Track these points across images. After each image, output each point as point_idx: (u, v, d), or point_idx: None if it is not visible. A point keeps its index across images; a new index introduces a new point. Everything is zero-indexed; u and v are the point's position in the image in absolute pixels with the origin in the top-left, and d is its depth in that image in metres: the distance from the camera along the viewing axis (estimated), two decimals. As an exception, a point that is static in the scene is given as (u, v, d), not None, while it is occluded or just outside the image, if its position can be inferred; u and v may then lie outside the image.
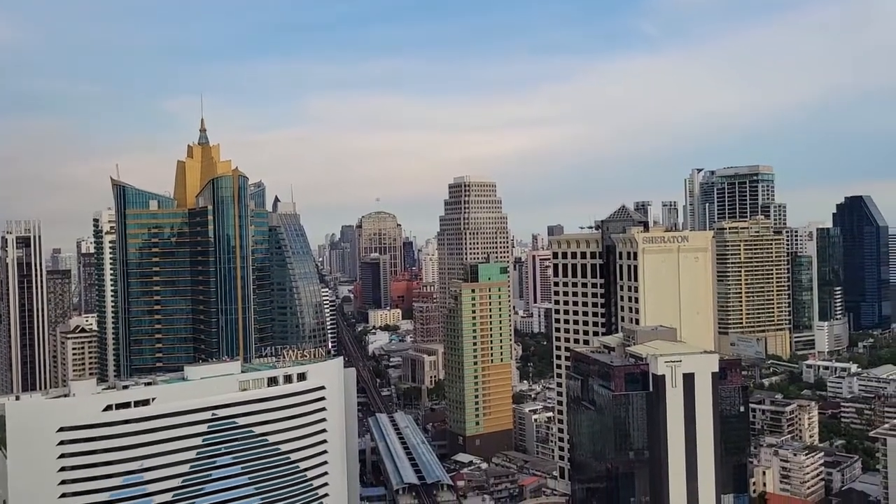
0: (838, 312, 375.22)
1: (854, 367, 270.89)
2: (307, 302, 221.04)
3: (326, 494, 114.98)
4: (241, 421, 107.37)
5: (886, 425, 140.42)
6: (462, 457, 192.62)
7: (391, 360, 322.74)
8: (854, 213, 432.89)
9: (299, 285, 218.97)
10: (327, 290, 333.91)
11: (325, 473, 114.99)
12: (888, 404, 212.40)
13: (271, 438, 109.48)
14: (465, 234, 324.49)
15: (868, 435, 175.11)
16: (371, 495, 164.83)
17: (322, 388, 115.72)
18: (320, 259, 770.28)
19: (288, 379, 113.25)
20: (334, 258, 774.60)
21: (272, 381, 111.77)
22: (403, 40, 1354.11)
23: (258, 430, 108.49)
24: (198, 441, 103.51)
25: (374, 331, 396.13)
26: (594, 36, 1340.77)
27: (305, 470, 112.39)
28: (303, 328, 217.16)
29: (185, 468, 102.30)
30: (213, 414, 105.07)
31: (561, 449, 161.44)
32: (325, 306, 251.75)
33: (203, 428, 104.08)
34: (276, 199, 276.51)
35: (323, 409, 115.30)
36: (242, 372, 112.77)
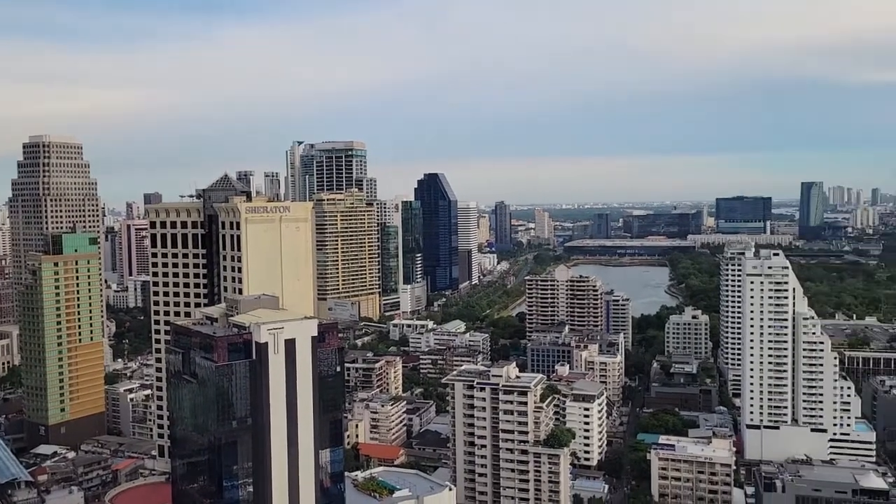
0: (419, 276, 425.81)
1: (430, 324, 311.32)
2: None
3: None
4: None
5: (454, 372, 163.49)
6: (44, 448, 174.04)
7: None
8: (431, 188, 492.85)
9: None
10: None
11: None
12: (455, 354, 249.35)
13: None
14: (46, 200, 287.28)
15: (441, 382, 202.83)
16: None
17: None
18: None
19: None
20: None
21: None
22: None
23: None
24: None
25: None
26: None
27: None
28: None
29: None
30: None
31: (160, 427, 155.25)
32: None
33: None
34: None
35: None
36: None
